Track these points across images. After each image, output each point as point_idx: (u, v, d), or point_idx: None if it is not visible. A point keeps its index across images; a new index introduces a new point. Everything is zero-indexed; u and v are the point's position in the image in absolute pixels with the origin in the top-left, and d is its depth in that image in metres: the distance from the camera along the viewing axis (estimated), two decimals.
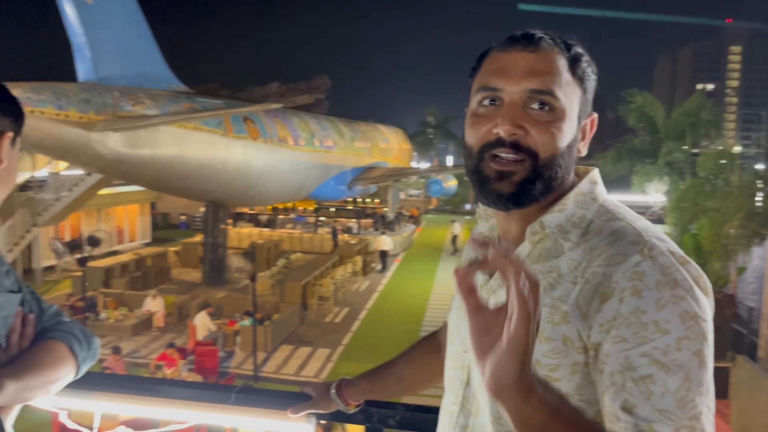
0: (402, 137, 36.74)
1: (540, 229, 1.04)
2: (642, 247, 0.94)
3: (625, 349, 0.88)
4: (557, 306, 0.98)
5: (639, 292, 0.90)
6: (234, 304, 16.35)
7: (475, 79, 1.09)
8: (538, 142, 1.01)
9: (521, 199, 1.03)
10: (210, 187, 17.49)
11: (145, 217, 28.45)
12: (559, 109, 1.01)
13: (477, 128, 1.05)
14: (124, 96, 14.49)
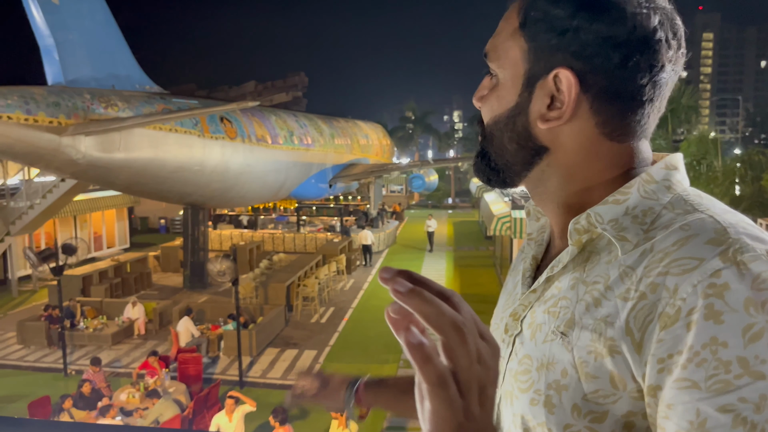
0: (382, 133, 36.54)
1: (587, 225, 0.80)
2: (725, 248, 0.67)
3: (697, 399, 0.63)
4: (601, 330, 0.73)
5: (718, 315, 0.64)
6: (217, 308, 16.03)
7: None
8: (483, 113, 0.91)
9: (477, 173, 0.93)
10: (188, 189, 17.11)
11: (123, 222, 27.88)
12: (495, 73, 0.87)
13: None
14: (96, 98, 14.06)
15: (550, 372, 0.78)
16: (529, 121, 0.83)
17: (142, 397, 9.78)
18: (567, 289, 0.81)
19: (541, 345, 0.81)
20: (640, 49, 0.78)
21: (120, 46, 16.49)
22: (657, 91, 0.81)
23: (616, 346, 0.72)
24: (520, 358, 0.85)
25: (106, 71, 15.46)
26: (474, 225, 36.30)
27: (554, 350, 0.79)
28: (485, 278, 21.63)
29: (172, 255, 22.57)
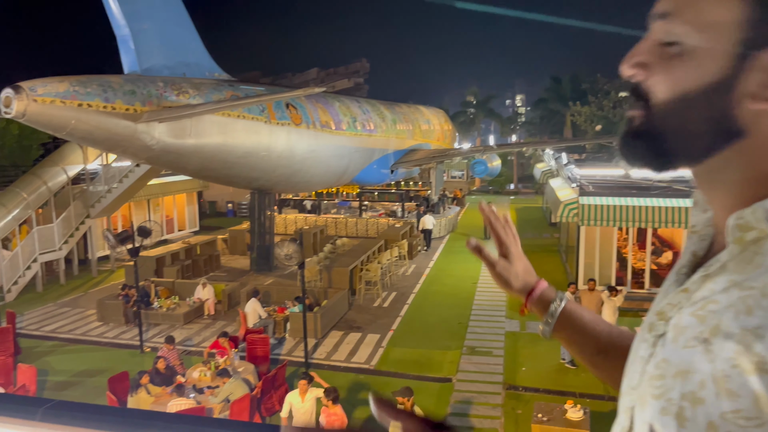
0: (443, 118, 36.19)
1: (754, 221, 0.70)
2: None
3: None
4: (748, 342, 0.64)
5: None
6: (282, 290, 16.41)
7: None
8: (655, 86, 0.76)
9: (630, 156, 0.80)
10: (255, 174, 17.50)
11: (193, 206, 28.88)
12: (678, 39, 0.73)
13: None
14: (168, 86, 14.52)
15: (687, 382, 0.70)
16: (733, 99, 0.71)
17: (213, 376, 10.13)
18: (719, 292, 0.72)
19: (681, 350, 0.73)
20: None
21: (191, 35, 16.93)
22: None
23: (764, 363, 0.63)
24: (658, 361, 0.77)
25: (177, 59, 15.91)
26: (537, 211, 35.58)
27: (694, 358, 0.70)
28: (550, 266, 21.17)
29: (239, 238, 23.22)
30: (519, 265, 1.38)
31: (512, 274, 1.37)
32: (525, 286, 1.37)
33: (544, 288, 1.36)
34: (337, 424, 7.88)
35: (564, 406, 8.67)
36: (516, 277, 1.37)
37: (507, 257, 1.39)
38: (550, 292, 1.35)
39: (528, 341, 14.01)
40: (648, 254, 17.04)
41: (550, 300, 1.33)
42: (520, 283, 1.37)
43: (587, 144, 44.60)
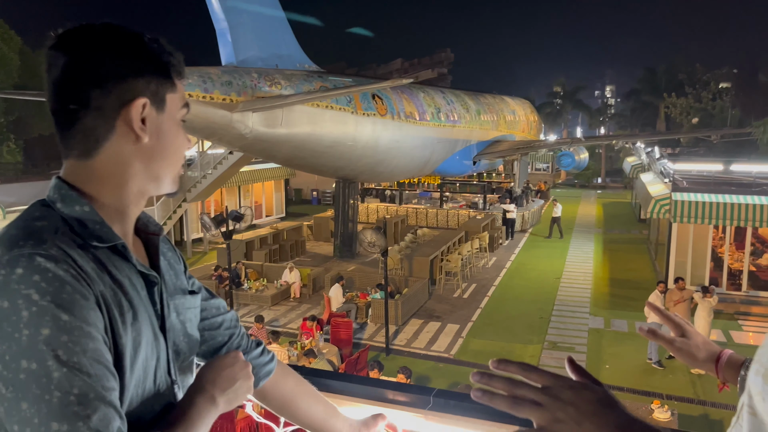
0: (529, 109, 35.48)
1: None
2: None
3: None
4: None
5: None
6: (364, 277, 16.80)
7: None
8: None
9: None
10: (341, 163, 17.95)
11: (280, 193, 29.94)
12: None
13: None
14: (262, 77, 15.14)
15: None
16: None
17: (300, 356, 10.60)
18: None
19: None
20: None
21: (283, 27, 17.55)
22: None
23: None
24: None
25: (270, 51, 16.54)
26: (626, 206, 34.29)
27: None
28: (638, 263, 20.46)
29: (323, 225, 23.90)
30: (698, 338, 1.42)
31: (693, 346, 1.40)
32: (710, 355, 1.39)
33: (729, 354, 1.38)
34: None
35: (650, 406, 8.46)
36: (698, 349, 1.40)
37: (684, 335, 1.43)
38: (736, 357, 1.36)
39: (612, 339, 13.67)
40: (747, 254, 16.12)
41: (740, 363, 1.34)
42: (704, 353, 1.39)
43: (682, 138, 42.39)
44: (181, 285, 1.25)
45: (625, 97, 61.69)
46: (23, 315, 0.89)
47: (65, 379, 0.89)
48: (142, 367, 1.06)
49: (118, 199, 1.10)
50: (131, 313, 1.04)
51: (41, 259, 0.93)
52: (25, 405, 0.87)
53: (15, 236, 0.97)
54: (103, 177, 1.09)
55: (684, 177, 18.85)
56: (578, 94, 56.77)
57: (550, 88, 59.28)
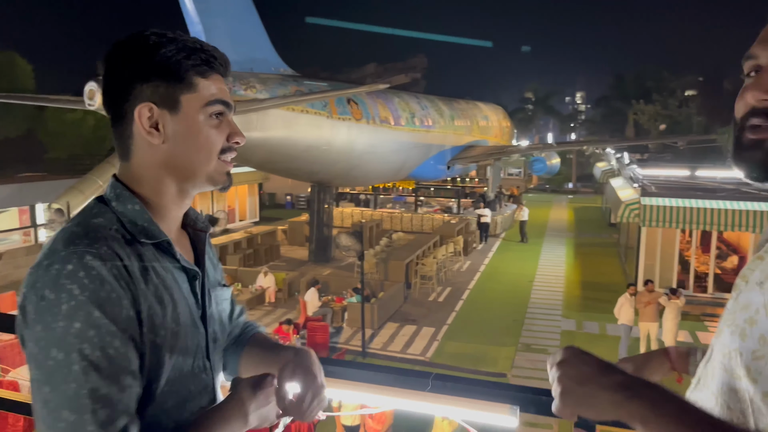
0: (502, 114, 35.92)
1: None
2: None
3: None
4: None
5: None
6: (340, 281, 16.81)
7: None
8: None
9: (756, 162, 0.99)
10: (316, 167, 17.96)
11: (254, 197, 29.76)
12: None
13: (739, 100, 1.03)
14: (237, 81, 15.10)
15: (747, 311, 0.98)
16: None
17: None
18: None
19: (746, 292, 1.02)
20: None
21: (258, 31, 17.51)
22: None
23: None
24: (732, 302, 1.06)
25: (245, 55, 16.49)
26: (596, 211, 34.91)
27: (752, 296, 0.99)
28: (609, 267, 20.87)
29: (298, 229, 23.83)
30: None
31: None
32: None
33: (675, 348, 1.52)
34: None
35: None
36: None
37: None
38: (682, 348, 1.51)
39: (584, 341, 13.92)
40: (712, 258, 16.57)
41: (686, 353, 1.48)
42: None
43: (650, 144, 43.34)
44: (219, 278, 1.36)
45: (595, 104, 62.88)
46: (63, 308, 0.99)
47: (83, 373, 0.97)
48: (181, 353, 1.14)
49: (157, 198, 1.20)
50: (171, 306, 1.13)
51: (89, 257, 1.02)
52: (47, 389, 0.98)
53: (75, 233, 1.07)
54: (140, 178, 1.19)
55: (652, 182, 19.31)
56: (550, 100, 57.70)
57: (522, 94, 60.13)
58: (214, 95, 1.19)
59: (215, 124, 1.19)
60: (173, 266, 1.18)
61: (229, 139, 1.22)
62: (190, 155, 1.18)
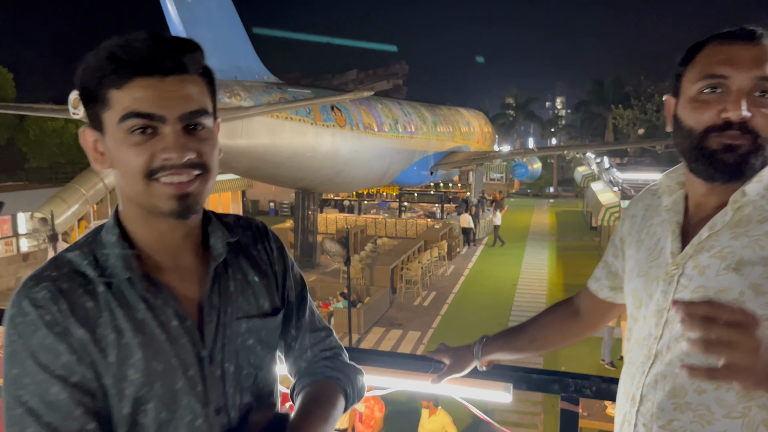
0: (483, 120, 36.28)
1: (740, 198, 1.17)
2: None
3: None
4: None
5: None
6: (325, 287, 16.91)
7: (689, 69, 1.23)
8: (762, 125, 1.14)
9: (744, 169, 1.16)
10: (300, 174, 18.05)
11: (237, 205, 29.71)
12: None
13: (700, 112, 1.17)
14: (221, 88, 15.15)
15: (728, 294, 1.13)
16: None
17: None
18: (728, 240, 1.17)
19: (714, 278, 1.16)
20: None
21: (242, 39, 17.61)
22: None
23: None
24: (693, 288, 1.19)
25: (230, 63, 16.57)
26: (577, 215, 35.36)
27: (729, 280, 1.13)
28: (590, 269, 20.37)
29: (282, 236, 23.53)
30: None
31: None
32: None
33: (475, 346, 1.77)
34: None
35: (604, 403, 8.88)
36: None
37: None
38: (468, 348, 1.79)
39: None
40: None
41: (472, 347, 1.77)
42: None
43: (630, 148, 44.02)
44: (257, 305, 1.21)
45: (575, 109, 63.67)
46: (7, 351, 1.00)
47: (20, 419, 0.97)
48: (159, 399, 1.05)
49: (133, 226, 1.12)
50: (141, 348, 1.04)
51: (26, 302, 1.00)
52: (3, 426, 1.00)
53: (36, 271, 1.04)
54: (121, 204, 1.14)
55: (632, 185, 19.71)
56: (530, 106, 58.28)
57: (503, 100, 60.69)
58: (126, 108, 1.02)
59: (136, 142, 1.02)
60: (158, 303, 1.07)
61: (155, 157, 1.02)
62: (120, 179, 1.08)
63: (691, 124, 1.19)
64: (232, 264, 1.20)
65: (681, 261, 1.23)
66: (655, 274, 1.29)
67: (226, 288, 1.17)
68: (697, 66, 1.20)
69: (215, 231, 1.19)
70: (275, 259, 1.29)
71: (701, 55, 1.20)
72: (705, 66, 1.18)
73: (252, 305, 1.20)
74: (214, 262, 1.15)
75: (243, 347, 1.17)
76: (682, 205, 1.32)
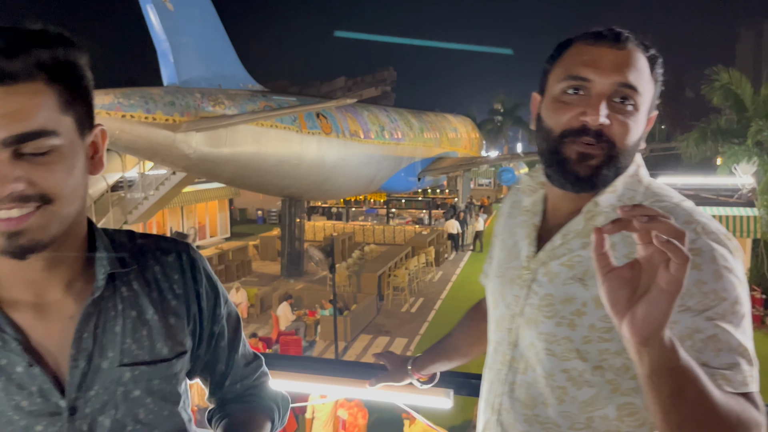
0: (470, 126, 36.41)
1: (593, 207, 1.15)
2: (695, 226, 1.05)
3: (691, 316, 0.99)
4: None
5: (699, 266, 1.00)
6: (313, 295, 16.83)
7: (555, 67, 1.18)
8: (618, 133, 1.10)
9: (596, 181, 1.13)
10: (286, 182, 18.02)
11: (224, 213, 29.58)
12: (637, 104, 1.11)
13: (561, 113, 1.13)
14: (205, 97, 15.14)
15: (572, 304, 1.13)
16: (640, 140, 1.17)
17: None
18: (578, 249, 1.15)
19: (561, 287, 1.15)
20: None
21: (226, 47, 17.60)
22: None
23: None
24: (542, 295, 1.18)
25: (214, 71, 16.56)
26: None
27: (574, 290, 1.13)
28: None
29: (270, 244, 23.78)
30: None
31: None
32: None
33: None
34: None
35: None
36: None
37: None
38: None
39: None
40: None
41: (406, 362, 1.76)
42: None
43: None
44: (152, 349, 1.03)
45: None
46: None
47: None
48: None
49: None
50: None
51: None
52: None
53: None
54: None
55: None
56: (518, 111, 58.53)
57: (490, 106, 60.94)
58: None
59: None
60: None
61: None
62: None
63: (550, 125, 1.15)
64: (124, 299, 1.02)
65: (534, 266, 1.21)
66: (511, 277, 1.27)
67: (110, 328, 0.99)
68: (562, 65, 1.16)
69: (100, 260, 1.00)
70: (201, 294, 1.11)
71: (568, 54, 1.16)
72: (569, 66, 1.14)
73: (144, 349, 1.02)
74: (90, 297, 0.98)
75: (125, 399, 0.99)
76: (541, 207, 1.28)
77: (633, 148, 1.14)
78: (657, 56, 1.15)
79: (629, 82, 1.09)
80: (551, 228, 1.23)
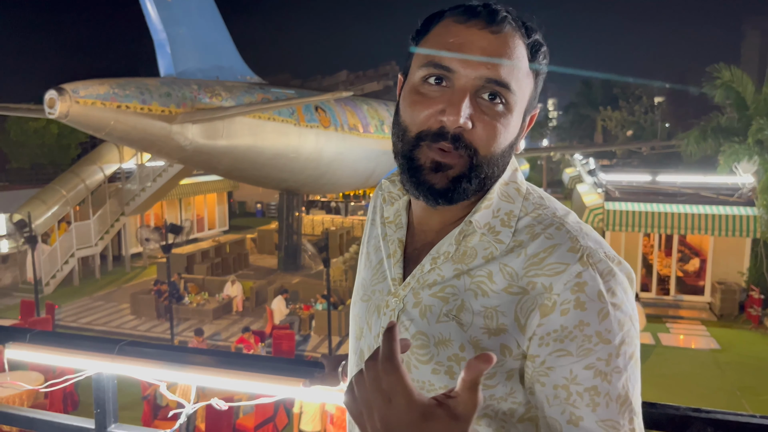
0: None
1: (467, 227, 0.96)
2: (581, 255, 0.89)
3: (571, 362, 0.86)
4: (493, 316, 0.91)
5: (582, 305, 0.86)
6: (309, 289, 16.76)
7: (420, 46, 0.97)
8: (482, 138, 0.92)
9: (453, 196, 0.94)
10: (284, 175, 17.91)
11: (223, 206, 29.51)
12: (510, 103, 0.92)
13: (418, 109, 0.94)
14: (202, 89, 15.02)
15: (448, 347, 0.94)
16: (516, 146, 0.99)
17: None
18: (451, 278, 0.96)
19: (435, 325, 0.95)
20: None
21: (224, 39, 17.46)
22: None
23: (506, 327, 0.90)
24: (413, 334, 0.97)
25: (211, 63, 16.43)
26: None
27: (450, 330, 0.94)
28: None
29: (267, 238, 23.71)
30: None
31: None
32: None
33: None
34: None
35: None
36: None
37: None
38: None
39: None
40: (674, 261, 16.95)
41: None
42: None
43: (617, 149, 44.19)
44: None
45: (565, 110, 63.90)
46: None
47: None
48: None
49: None
50: None
51: None
52: None
53: None
54: None
55: (616, 187, 19.68)
56: None
57: None
58: None
59: None
60: None
61: None
62: None
63: (407, 122, 0.95)
64: None
65: (402, 294, 1.01)
66: (377, 303, 1.06)
67: None
68: (427, 45, 0.94)
69: None
70: None
71: (435, 31, 0.95)
72: (433, 47, 0.93)
73: None
74: None
75: None
76: (405, 218, 1.08)
77: (502, 155, 0.95)
78: (540, 43, 0.96)
79: (500, 78, 0.90)
80: (420, 247, 1.03)
